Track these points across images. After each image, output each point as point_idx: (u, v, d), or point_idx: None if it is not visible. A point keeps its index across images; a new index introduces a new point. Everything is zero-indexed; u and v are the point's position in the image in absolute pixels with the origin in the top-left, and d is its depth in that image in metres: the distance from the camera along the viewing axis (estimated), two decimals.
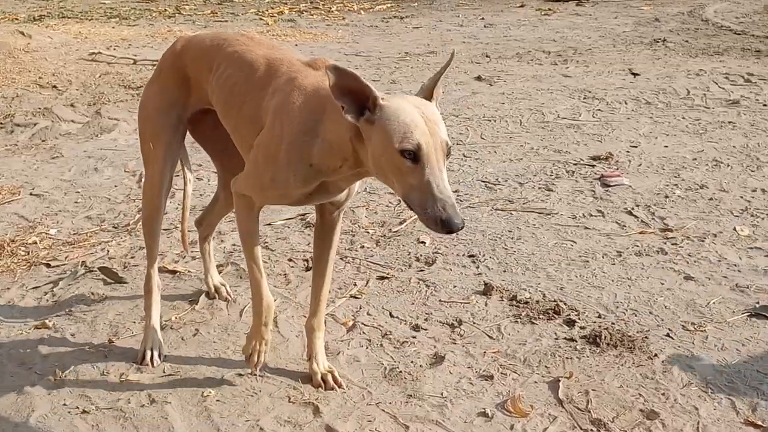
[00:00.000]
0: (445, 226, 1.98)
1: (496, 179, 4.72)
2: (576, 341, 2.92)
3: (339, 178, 2.33)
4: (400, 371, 2.75)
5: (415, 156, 2.00)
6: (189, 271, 3.54)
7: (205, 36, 2.94)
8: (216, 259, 3.45)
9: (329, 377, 2.65)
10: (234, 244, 3.78)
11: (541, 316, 3.10)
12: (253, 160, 2.46)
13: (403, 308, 3.20)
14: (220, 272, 3.44)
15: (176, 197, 4.45)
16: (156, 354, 2.83)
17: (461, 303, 3.24)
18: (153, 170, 2.87)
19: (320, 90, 2.31)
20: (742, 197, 4.32)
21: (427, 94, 2.18)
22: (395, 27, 11.22)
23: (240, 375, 2.72)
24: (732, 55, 8.38)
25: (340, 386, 2.64)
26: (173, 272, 3.51)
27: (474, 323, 3.07)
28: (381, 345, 2.93)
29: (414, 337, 2.98)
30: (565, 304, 3.19)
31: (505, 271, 3.51)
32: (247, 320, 3.04)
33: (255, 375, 2.69)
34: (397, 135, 2.00)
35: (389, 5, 13.74)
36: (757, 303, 3.15)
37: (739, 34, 9.90)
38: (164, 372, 2.76)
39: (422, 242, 3.81)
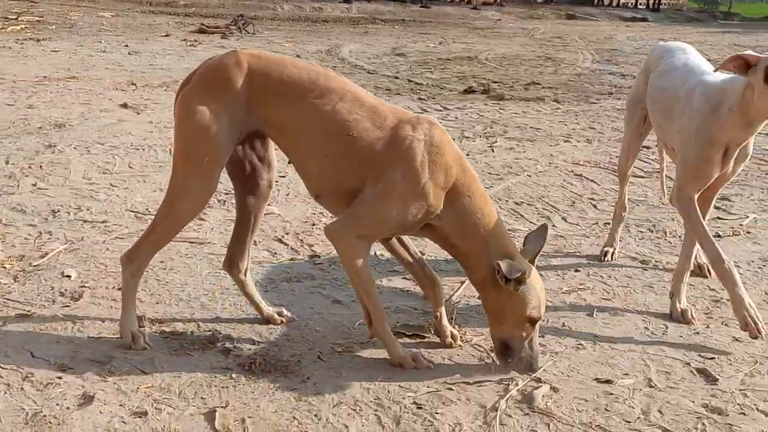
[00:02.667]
0: None
1: (146, 209, 4.60)
2: (232, 369, 2.92)
3: None
4: (45, 415, 2.54)
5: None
6: None
7: None
8: None
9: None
10: None
11: (196, 347, 3.06)
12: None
13: (47, 348, 2.98)
14: None
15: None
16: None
17: (112, 338, 3.09)
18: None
19: None
20: None
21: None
22: (31, 49, 10.56)
23: None
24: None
25: None
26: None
27: (126, 358, 2.94)
28: (22, 389, 2.69)
29: (60, 378, 2.78)
30: (220, 333, 3.18)
31: (158, 303, 3.42)
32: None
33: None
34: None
35: (23, 26, 12.92)
36: (398, 322, 3.37)
37: (371, 73, 10.71)
38: None
39: (67, 276, 3.58)
